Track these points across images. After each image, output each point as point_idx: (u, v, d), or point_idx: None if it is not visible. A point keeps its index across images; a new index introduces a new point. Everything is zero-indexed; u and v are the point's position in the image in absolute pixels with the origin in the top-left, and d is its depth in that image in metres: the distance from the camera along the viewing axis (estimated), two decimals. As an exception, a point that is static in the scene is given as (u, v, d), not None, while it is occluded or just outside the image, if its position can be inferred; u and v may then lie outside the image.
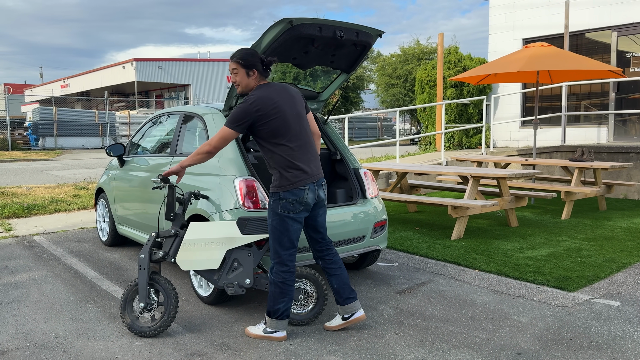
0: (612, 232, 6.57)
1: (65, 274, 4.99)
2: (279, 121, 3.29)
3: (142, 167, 5.30)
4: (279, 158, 3.32)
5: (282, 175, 3.31)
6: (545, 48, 8.11)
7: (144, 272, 3.52)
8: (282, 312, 3.44)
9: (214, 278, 3.60)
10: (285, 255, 3.39)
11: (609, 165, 7.53)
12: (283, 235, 3.35)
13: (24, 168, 15.93)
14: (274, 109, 3.29)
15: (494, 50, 12.94)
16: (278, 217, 3.34)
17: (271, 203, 3.36)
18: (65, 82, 45.30)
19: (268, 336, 3.47)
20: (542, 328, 3.66)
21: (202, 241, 3.53)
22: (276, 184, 3.33)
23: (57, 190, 9.96)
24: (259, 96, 3.27)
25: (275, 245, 3.38)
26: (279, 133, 3.30)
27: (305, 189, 3.33)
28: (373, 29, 4.20)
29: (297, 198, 3.31)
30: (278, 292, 3.41)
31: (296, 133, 3.37)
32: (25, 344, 3.44)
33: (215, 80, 40.01)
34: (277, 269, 3.40)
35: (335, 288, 3.55)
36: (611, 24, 11.08)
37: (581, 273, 4.84)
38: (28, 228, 7.05)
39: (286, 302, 3.44)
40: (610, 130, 11.29)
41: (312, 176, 3.38)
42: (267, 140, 3.32)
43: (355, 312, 3.56)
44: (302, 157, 3.36)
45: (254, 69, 3.35)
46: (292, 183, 3.30)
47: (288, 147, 3.32)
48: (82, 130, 26.65)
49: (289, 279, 3.41)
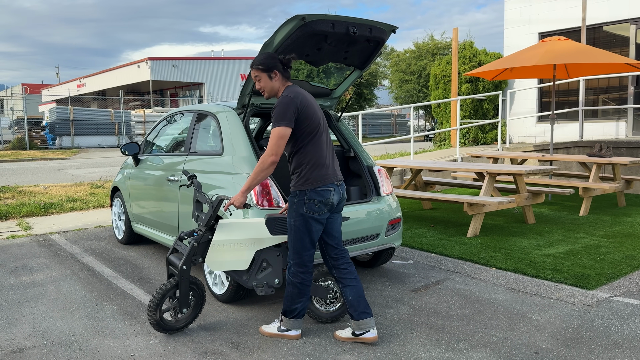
0: (632, 228, 6.45)
1: (82, 273, 5.03)
2: (316, 117, 3.29)
3: (157, 166, 5.32)
4: (311, 155, 3.25)
5: (310, 172, 3.25)
6: (562, 42, 7.98)
7: (186, 282, 3.50)
8: (298, 312, 3.41)
9: (243, 278, 3.56)
10: (306, 256, 3.33)
11: (628, 161, 7.39)
12: (305, 236, 3.29)
13: (42, 167, 16.15)
14: (311, 104, 3.30)
15: (510, 45, 12.78)
16: (302, 217, 3.27)
17: (295, 203, 3.28)
18: (81, 82, 45.80)
19: (282, 334, 3.46)
20: (560, 327, 3.60)
21: (231, 242, 3.47)
22: (302, 181, 3.26)
23: (73, 189, 10.07)
24: (296, 91, 3.26)
25: (296, 245, 3.32)
26: (313, 128, 3.26)
27: (332, 189, 3.28)
28: (386, 24, 4.15)
29: (323, 199, 3.26)
30: (296, 292, 3.37)
31: (325, 131, 3.36)
32: (42, 342, 3.48)
33: (229, 79, 40.14)
34: (296, 270, 3.35)
35: (350, 300, 3.37)
36: (630, 16, 10.87)
37: (600, 271, 4.75)
38: (45, 227, 7.13)
39: (303, 302, 3.40)
40: (629, 124, 11.09)
41: (337, 177, 3.35)
42: (303, 135, 3.25)
43: (368, 330, 3.35)
44: (329, 156, 3.34)
45: (274, 70, 3.32)
46: (319, 180, 3.24)
47: (319, 145, 3.29)
48: (98, 129, 26.93)
49: (307, 279, 3.37)
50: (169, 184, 4.94)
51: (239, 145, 4.25)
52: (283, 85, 3.36)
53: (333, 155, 3.42)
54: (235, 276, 3.57)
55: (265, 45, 3.89)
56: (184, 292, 3.50)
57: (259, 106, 4.57)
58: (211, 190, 4.29)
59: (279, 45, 3.86)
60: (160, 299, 3.43)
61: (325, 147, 3.34)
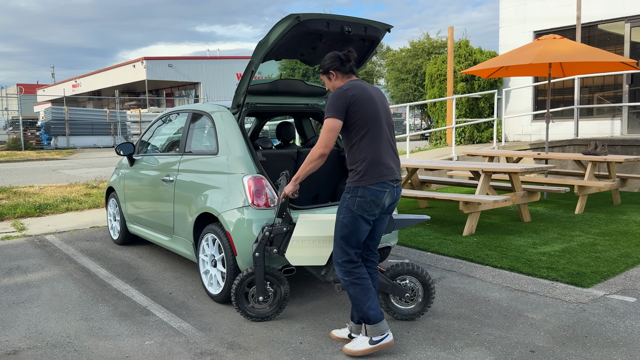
0: (627, 226, 6.47)
1: (77, 273, 5.01)
2: (371, 111, 3.16)
3: (152, 166, 5.30)
4: (366, 151, 3.14)
5: (365, 169, 3.12)
6: (557, 40, 7.99)
7: (260, 269, 3.61)
8: (373, 313, 3.18)
9: (321, 273, 3.63)
10: (353, 252, 3.21)
11: (623, 159, 7.41)
12: (352, 234, 3.17)
13: (37, 167, 16.09)
14: (368, 96, 3.18)
15: (505, 44, 12.80)
16: (351, 214, 3.15)
17: (346, 199, 3.17)
18: (76, 82, 45.66)
19: (377, 346, 3.18)
20: (556, 325, 3.60)
21: (310, 238, 3.54)
22: (357, 177, 3.14)
23: (68, 190, 10.03)
24: (353, 84, 3.19)
25: (342, 243, 3.19)
26: (369, 122, 3.15)
27: (386, 190, 3.16)
28: (381, 23, 4.15)
29: (375, 199, 3.14)
30: (359, 290, 3.18)
31: (385, 127, 3.23)
32: (36, 343, 3.46)
33: (225, 78, 40.07)
34: (348, 267, 3.20)
35: None
36: (624, 14, 10.90)
37: (595, 269, 4.76)
38: (40, 227, 7.10)
39: (371, 298, 3.19)
40: (624, 122, 11.12)
41: (394, 176, 3.22)
42: (357, 129, 3.14)
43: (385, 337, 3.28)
44: (387, 154, 3.22)
45: (330, 71, 3.29)
46: (374, 178, 3.12)
47: (375, 140, 3.16)
48: (94, 129, 26.87)
49: (362, 272, 3.21)
50: (164, 184, 4.92)
51: (234, 145, 4.23)
52: (344, 82, 3.29)
53: (393, 153, 3.28)
54: (314, 271, 3.64)
55: (259, 45, 3.88)
56: (259, 279, 3.62)
57: (254, 105, 4.56)
58: (206, 190, 4.28)
59: (274, 44, 3.85)
60: (238, 284, 3.63)
61: (384, 144, 3.20)
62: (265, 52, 3.91)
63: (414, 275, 3.66)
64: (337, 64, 3.27)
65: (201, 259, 4.32)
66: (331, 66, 3.28)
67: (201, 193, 4.33)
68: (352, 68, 3.32)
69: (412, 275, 3.66)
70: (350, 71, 3.31)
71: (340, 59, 3.28)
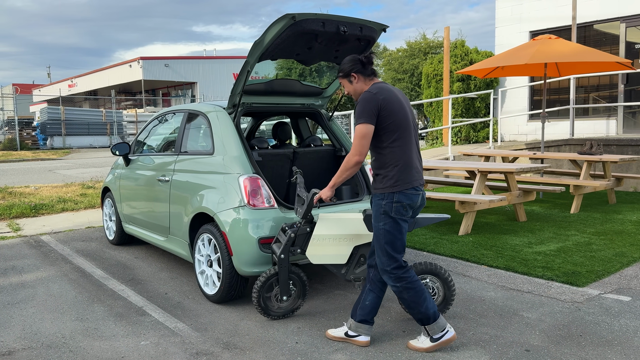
0: (622, 225, 6.50)
1: (72, 274, 5.00)
2: (403, 113, 3.14)
3: (148, 166, 5.29)
4: (399, 155, 3.11)
5: (399, 174, 3.11)
6: (552, 40, 8.01)
7: (285, 270, 3.63)
8: (432, 311, 3.20)
9: (341, 272, 3.65)
10: (400, 257, 3.19)
11: (618, 158, 7.43)
12: (397, 238, 3.16)
13: (32, 168, 16.03)
14: (396, 99, 3.15)
15: (501, 44, 12.82)
16: (392, 220, 3.14)
17: (382, 205, 3.13)
18: (72, 82, 45.52)
19: (439, 343, 3.22)
20: (551, 324, 3.61)
21: (330, 237, 3.57)
22: (390, 183, 3.11)
23: (64, 190, 10.00)
24: (380, 87, 3.15)
25: (388, 249, 3.16)
26: (401, 125, 3.12)
27: (420, 193, 3.17)
28: (377, 23, 4.16)
29: (411, 203, 3.14)
30: (413, 294, 3.18)
31: (414, 130, 3.22)
32: (31, 344, 3.45)
33: (222, 78, 40.01)
34: (398, 273, 3.18)
35: (366, 304, 3.33)
36: (619, 14, 10.94)
37: (591, 268, 4.78)
38: (35, 228, 7.08)
39: (427, 298, 3.20)
40: (620, 122, 11.16)
41: (422, 179, 3.23)
42: (388, 133, 3.11)
43: (362, 335, 3.35)
44: (417, 156, 3.21)
45: (352, 74, 3.25)
46: (408, 183, 3.12)
47: (407, 144, 3.15)
48: (90, 129, 26.79)
49: (412, 275, 3.20)
50: (160, 184, 4.91)
51: (230, 145, 4.23)
52: (367, 85, 3.25)
53: (420, 156, 3.29)
54: (334, 270, 3.66)
55: (255, 45, 3.88)
56: (283, 280, 3.64)
57: (250, 105, 4.56)
58: (202, 190, 4.27)
59: (270, 44, 3.85)
60: (261, 285, 3.62)
61: (414, 148, 3.20)
62: (261, 52, 3.91)
63: (435, 275, 3.61)
64: (359, 67, 3.24)
65: (197, 259, 4.32)
66: (352, 69, 3.24)
67: (197, 193, 4.32)
68: (374, 70, 3.29)
69: (432, 274, 3.62)
70: (372, 73, 3.28)
71: (361, 61, 3.25)
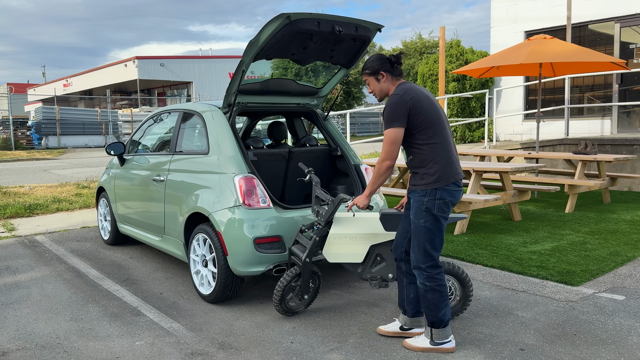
0: (617, 225, 6.52)
1: (67, 274, 4.98)
2: (434, 110, 3.12)
3: (143, 166, 5.28)
4: (437, 151, 3.09)
5: (440, 170, 3.09)
6: (547, 40, 8.04)
7: (308, 272, 3.71)
8: (447, 318, 3.20)
9: (358, 271, 3.65)
10: (437, 256, 3.17)
11: (612, 158, 7.47)
12: (436, 236, 3.14)
13: (27, 167, 15.96)
14: (426, 98, 3.13)
15: (496, 43, 12.85)
16: (433, 217, 3.11)
17: (424, 202, 3.10)
18: (67, 81, 45.35)
19: (437, 348, 3.21)
20: (545, 323, 3.62)
21: (346, 236, 3.57)
22: (433, 179, 3.08)
23: (59, 190, 9.96)
24: (406, 88, 3.12)
25: (427, 247, 3.13)
26: (434, 122, 3.10)
27: (461, 189, 3.16)
28: (372, 23, 4.16)
29: (453, 199, 3.13)
30: (438, 297, 3.15)
31: (447, 124, 3.20)
32: (26, 344, 3.43)
33: (217, 77, 39.96)
34: (432, 272, 3.15)
35: (411, 297, 3.35)
36: (614, 15, 10.98)
37: (585, 267, 4.80)
38: (30, 228, 7.05)
39: (448, 304, 3.20)
40: (614, 122, 11.21)
41: (462, 174, 3.20)
42: (423, 131, 3.09)
43: (417, 327, 3.40)
44: (453, 152, 3.19)
45: (380, 72, 3.22)
46: (450, 178, 3.10)
47: (444, 139, 3.13)
48: (85, 129, 26.70)
49: (443, 279, 3.19)
50: (155, 184, 4.90)
51: (225, 145, 4.22)
52: (394, 85, 3.23)
53: (456, 151, 3.26)
54: (351, 268, 3.66)
55: (250, 44, 3.87)
56: (306, 280, 3.72)
57: (245, 105, 4.55)
58: (197, 190, 4.26)
59: (265, 43, 3.85)
60: (283, 289, 3.69)
61: (450, 143, 3.17)
62: (256, 51, 3.90)
63: (452, 275, 3.58)
64: (388, 66, 3.22)
65: (192, 259, 4.31)
66: (382, 67, 3.22)
67: (192, 193, 4.31)
68: (401, 71, 3.27)
69: (449, 274, 3.58)
70: (399, 74, 3.25)
71: (390, 60, 3.23)
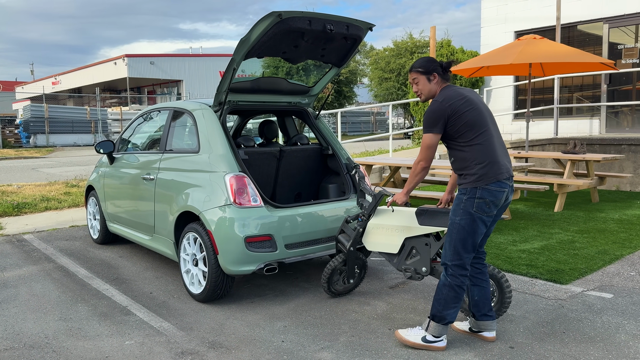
0: (605, 224, 6.58)
1: (56, 273, 4.94)
2: (475, 112, 3.13)
3: (132, 164, 5.24)
4: (478, 152, 3.10)
5: (481, 169, 3.08)
6: (537, 41, 8.09)
7: (352, 259, 4.03)
8: (450, 318, 3.20)
9: (393, 261, 3.77)
10: (467, 258, 3.16)
11: (601, 157, 7.53)
12: (469, 237, 3.12)
13: (15, 166, 15.80)
14: (467, 102, 3.14)
15: (486, 43, 12.91)
16: (470, 216, 3.10)
17: (464, 200, 3.12)
18: (56, 79, 44.95)
19: (427, 346, 3.22)
20: (534, 321, 3.65)
21: (383, 226, 3.73)
22: (473, 178, 3.09)
23: (47, 188, 9.87)
24: (447, 94, 3.16)
25: (457, 245, 3.14)
26: (475, 124, 3.11)
27: (505, 189, 3.11)
28: (363, 22, 4.16)
29: (495, 199, 3.09)
30: (452, 296, 3.16)
31: (491, 125, 3.19)
32: (14, 344, 3.40)
33: (208, 76, 39.82)
34: (457, 271, 3.16)
35: (476, 300, 3.32)
36: (603, 15, 11.08)
37: (574, 265, 4.84)
38: (18, 227, 6.98)
39: (457, 307, 3.20)
40: (602, 122, 11.30)
41: (509, 173, 3.16)
42: (464, 134, 3.11)
43: (486, 330, 3.35)
44: (499, 151, 3.17)
45: (434, 73, 3.26)
46: (492, 177, 3.08)
47: (487, 140, 3.12)
48: (74, 127, 26.48)
49: (466, 283, 3.19)
50: (145, 183, 4.87)
51: (216, 143, 4.21)
52: (440, 88, 3.28)
53: (504, 150, 3.24)
54: (387, 258, 3.80)
55: (241, 42, 3.86)
56: (350, 267, 4.06)
57: (236, 103, 4.54)
58: (187, 189, 4.24)
59: (256, 42, 3.83)
60: (330, 272, 3.99)
61: (495, 143, 3.16)
62: (247, 49, 3.89)
63: (492, 278, 3.50)
64: (440, 70, 3.27)
65: (182, 258, 4.29)
66: (435, 69, 3.26)
67: (182, 191, 4.29)
68: (449, 77, 3.33)
69: (491, 278, 3.49)
70: (447, 79, 3.30)
71: (442, 65, 3.28)
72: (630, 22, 10.80)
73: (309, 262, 5.16)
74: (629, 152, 9.42)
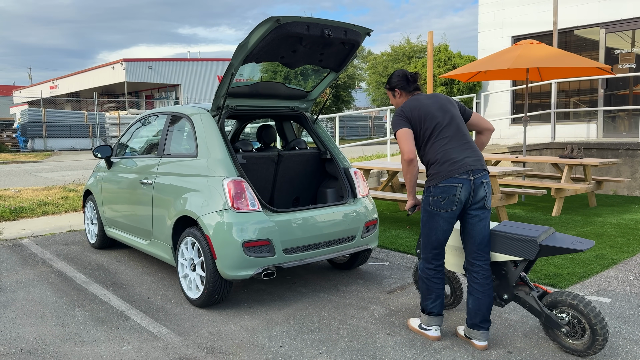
0: (602, 228, 6.59)
1: (53, 278, 4.92)
2: (429, 117, 3.31)
3: (130, 169, 5.24)
4: (432, 153, 3.30)
5: (434, 168, 3.28)
6: (534, 45, 8.12)
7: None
8: (430, 309, 3.40)
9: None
10: (432, 253, 3.36)
11: (598, 162, 7.55)
12: (431, 232, 3.31)
13: (13, 170, 15.77)
14: (421, 106, 3.34)
15: (484, 48, 12.96)
16: (427, 213, 3.32)
17: (423, 199, 3.35)
18: (54, 83, 44.94)
19: (421, 332, 3.49)
20: (533, 326, 3.65)
21: (452, 247, 3.60)
22: (429, 178, 3.31)
23: (45, 193, 9.85)
24: (407, 105, 3.38)
25: (424, 241, 3.39)
26: (435, 129, 3.30)
27: (458, 185, 3.19)
28: (361, 27, 4.17)
29: (448, 195, 3.20)
30: (424, 288, 3.42)
31: (447, 125, 3.30)
32: (10, 350, 3.39)
33: (206, 80, 39.84)
34: (424, 265, 3.41)
35: (470, 308, 3.32)
36: (599, 20, 11.13)
37: (572, 270, 4.84)
38: (15, 231, 6.96)
39: (432, 299, 3.39)
40: (600, 126, 11.34)
41: (466, 167, 3.20)
42: (427, 140, 3.32)
43: (475, 339, 3.33)
44: (456, 148, 3.26)
45: (395, 89, 3.52)
46: (443, 176, 3.20)
47: (440, 140, 3.29)
48: (72, 132, 26.43)
49: (433, 277, 3.38)
50: (143, 187, 4.87)
51: (214, 148, 4.21)
52: (405, 100, 3.51)
53: (466, 145, 3.30)
54: None
55: (239, 47, 3.87)
56: None
57: (234, 108, 4.54)
58: (185, 193, 4.24)
59: (254, 47, 3.84)
60: None
61: (450, 142, 3.27)
62: (245, 54, 3.90)
63: (575, 310, 3.12)
64: (403, 84, 3.50)
65: (180, 262, 4.28)
66: (397, 85, 3.52)
67: (180, 196, 4.29)
68: (418, 87, 3.53)
69: (573, 309, 3.12)
70: (414, 89, 3.52)
71: (407, 79, 3.50)
72: (626, 27, 10.85)
73: (307, 266, 5.16)
74: (626, 156, 9.45)
